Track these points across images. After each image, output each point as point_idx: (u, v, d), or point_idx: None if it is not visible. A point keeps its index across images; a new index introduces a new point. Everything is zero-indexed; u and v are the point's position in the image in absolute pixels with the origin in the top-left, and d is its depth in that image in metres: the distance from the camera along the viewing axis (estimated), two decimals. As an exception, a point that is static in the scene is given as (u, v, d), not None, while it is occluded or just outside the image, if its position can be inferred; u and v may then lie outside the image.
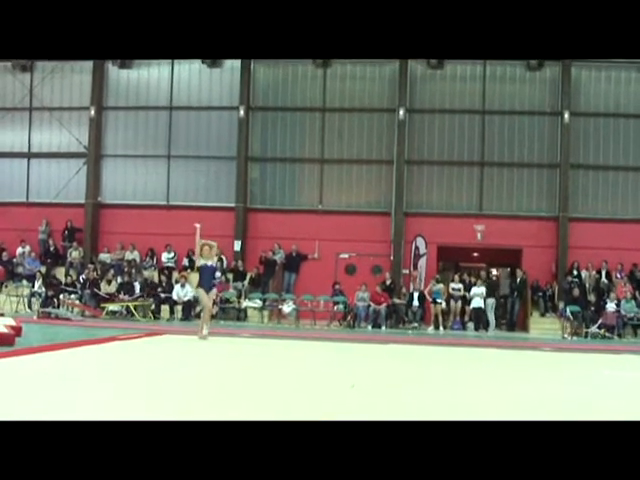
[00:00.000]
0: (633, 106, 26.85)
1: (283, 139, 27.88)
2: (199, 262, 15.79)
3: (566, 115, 26.61)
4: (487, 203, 26.93)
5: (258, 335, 18.87)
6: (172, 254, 26.62)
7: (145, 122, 28.56)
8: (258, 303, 24.85)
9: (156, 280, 25.65)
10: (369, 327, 23.98)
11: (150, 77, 28.47)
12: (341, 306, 24.68)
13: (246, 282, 25.72)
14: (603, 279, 25.18)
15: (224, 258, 26.56)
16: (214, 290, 16.73)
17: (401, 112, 26.93)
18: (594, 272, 25.42)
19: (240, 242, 27.01)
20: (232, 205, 27.40)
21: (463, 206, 26.93)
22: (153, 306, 24.38)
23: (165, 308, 24.68)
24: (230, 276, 25.87)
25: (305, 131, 27.86)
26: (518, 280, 25.17)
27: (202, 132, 28.14)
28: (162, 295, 24.74)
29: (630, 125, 26.88)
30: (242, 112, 27.53)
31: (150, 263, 26.94)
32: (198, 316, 24.50)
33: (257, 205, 27.66)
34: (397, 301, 24.75)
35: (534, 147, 26.99)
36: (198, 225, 15.98)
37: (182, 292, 24.38)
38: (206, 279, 15.78)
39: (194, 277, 25.30)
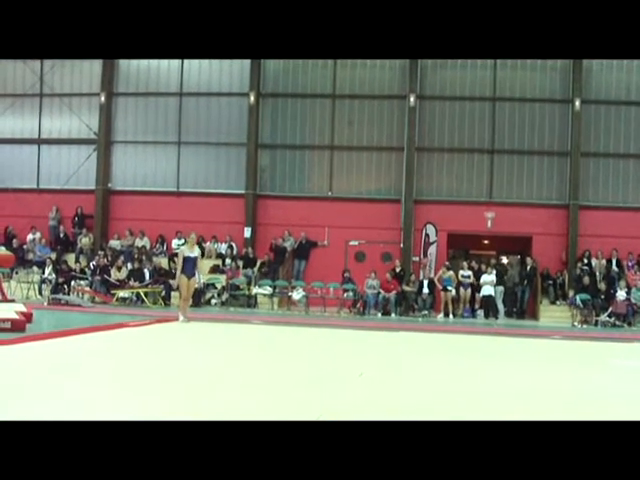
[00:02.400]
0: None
1: (293, 126, 27.82)
2: (186, 253, 17.17)
3: (577, 103, 26.48)
4: (497, 191, 26.84)
5: (268, 322, 18.97)
6: (182, 241, 26.63)
7: (155, 108, 28.54)
8: (268, 290, 24.87)
9: (166, 267, 25.64)
10: (379, 314, 23.98)
11: (160, 63, 28.40)
12: (351, 293, 24.65)
13: (256, 269, 25.72)
14: (614, 267, 25.07)
15: (234, 245, 26.59)
16: (195, 278, 18.06)
17: (412, 99, 26.84)
18: (604, 260, 25.32)
19: (250, 229, 27.00)
20: (242, 192, 27.37)
21: (473, 193, 26.85)
22: (163, 292, 24.38)
23: (175, 294, 24.67)
24: (240, 263, 25.85)
25: (315, 118, 27.78)
26: (528, 268, 25.13)
27: (212, 118, 28.09)
28: (172, 282, 24.71)
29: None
30: (252, 98, 27.48)
31: (160, 250, 26.97)
32: (208, 302, 24.63)
33: (267, 192, 27.60)
34: (407, 289, 24.74)
35: (544, 135, 26.87)
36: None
37: (192, 279, 24.40)
38: (189, 268, 17.17)
39: (205, 264, 25.49)
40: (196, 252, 17.53)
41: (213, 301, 24.73)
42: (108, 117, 28.49)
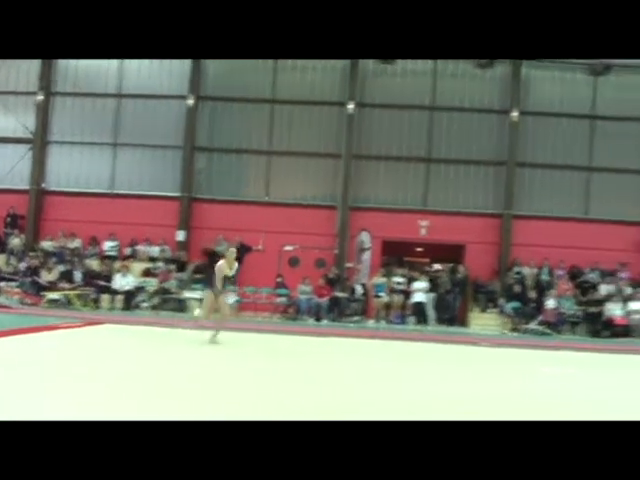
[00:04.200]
0: (579, 107, 27.06)
1: (231, 129, 27.72)
2: (226, 271, 14.31)
3: (514, 113, 26.77)
4: (432, 199, 27.01)
5: (197, 327, 18.80)
6: (115, 243, 26.36)
7: (92, 109, 28.22)
8: (199, 294, 24.65)
9: (98, 269, 25.36)
10: (311, 320, 23.95)
11: (100, 64, 28.04)
12: (283, 299, 24.60)
13: (188, 273, 25.53)
14: (544, 276, 25.35)
15: (167, 248, 26.39)
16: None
17: (351, 106, 26.91)
18: (536, 269, 25.61)
19: (184, 232, 26.82)
20: (177, 195, 27.19)
21: (408, 201, 26.98)
22: (94, 295, 24.10)
23: (107, 297, 24.43)
24: (173, 267, 25.63)
25: (254, 122, 27.70)
26: (460, 276, 25.31)
27: (149, 121, 27.83)
28: (103, 284, 24.48)
29: (575, 125, 27.10)
30: (191, 101, 27.34)
31: (92, 252, 26.64)
32: (137, 306, 24.36)
33: (203, 195, 27.45)
34: (339, 294, 24.74)
35: (481, 144, 27.10)
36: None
37: (123, 281, 24.19)
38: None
39: (136, 267, 25.26)
40: (234, 269, 14.75)
41: (144, 304, 24.46)
42: (45, 116, 28.12)
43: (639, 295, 24.71)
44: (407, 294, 24.60)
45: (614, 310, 23.90)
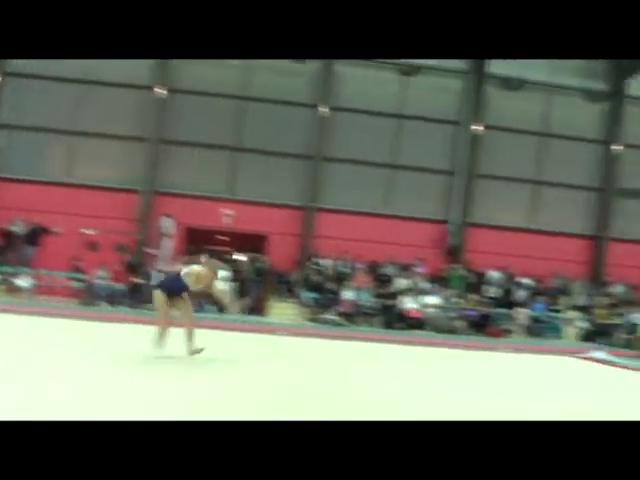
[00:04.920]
0: (388, 105, 27.86)
1: (35, 107, 26.61)
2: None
3: (324, 109, 27.19)
4: (239, 188, 27.04)
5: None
6: None
7: None
8: (-3, 276, 23.65)
9: None
10: (106, 305, 23.39)
11: None
12: (79, 283, 23.91)
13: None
14: (343, 268, 25.89)
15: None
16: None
17: (160, 90, 26.50)
18: (335, 261, 26.13)
19: (-22, 212, 25.55)
20: (-28, 173, 25.90)
21: (215, 189, 26.88)
22: None
23: None
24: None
25: (59, 101, 26.71)
26: (262, 266, 25.45)
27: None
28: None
29: (383, 123, 27.87)
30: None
31: None
32: None
33: (1, 174, 26.23)
34: (138, 280, 24.29)
35: (291, 137, 27.37)
36: None
37: None
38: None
39: None
40: None
41: None
42: None
43: (434, 289, 25.72)
44: (208, 282, 24.40)
45: (409, 303, 24.75)
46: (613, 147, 29.09)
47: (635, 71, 28.34)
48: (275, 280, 25.63)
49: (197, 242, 27.23)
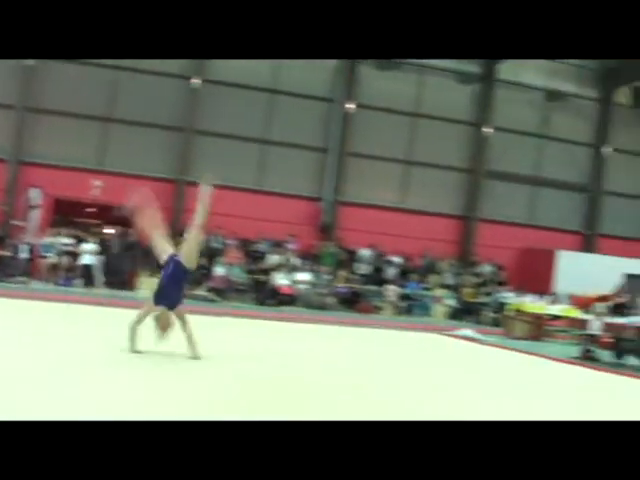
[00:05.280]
0: (260, 80, 27.78)
1: None
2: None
3: (197, 80, 26.85)
4: (109, 159, 26.44)
5: None
6: None
7: None
8: None
9: None
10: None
11: None
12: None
13: None
14: (215, 244, 25.69)
15: None
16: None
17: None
18: (208, 237, 25.83)
19: None
20: None
21: (84, 160, 26.15)
22: None
23: None
24: None
25: None
26: (131, 240, 24.93)
27: None
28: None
29: (256, 97, 27.83)
30: None
31: None
32: None
33: None
34: (4, 253, 23.46)
35: (163, 109, 26.89)
36: None
37: None
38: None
39: None
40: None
41: None
42: None
43: (305, 266, 25.84)
44: (75, 256, 23.83)
45: (281, 280, 24.79)
46: (483, 129, 29.84)
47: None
48: (145, 255, 25.15)
49: (65, 214, 26.56)
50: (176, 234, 25.32)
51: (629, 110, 32.08)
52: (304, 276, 25.39)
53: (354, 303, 25.86)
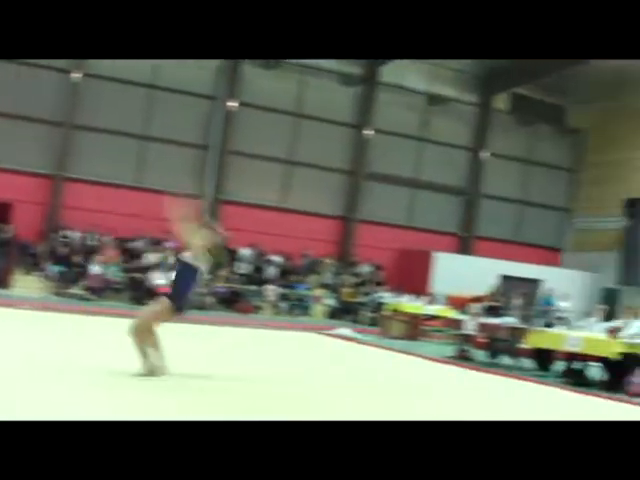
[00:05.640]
0: (141, 76, 27.26)
1: None
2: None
3: (77, 74, 26.22)
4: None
5: None
6: None
7: None
8: None
9: None
10: None
11: None
12: None
13: None
14: (91, 241, 25.24)
15: None
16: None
17: None
18: (84, 234, 25.42)
19: None
20: None
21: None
22: None
23: None
24: None
25: None
26: (6, 236, 24.23)
27: None
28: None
29: (135, 93, 27.40)
30: None
31: None
32: None
33: None
34: None
35: (41, 102, 26.05)
36: None
37: None
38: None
39: None
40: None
41: None
42: None
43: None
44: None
45: (158, 279, 24.45)
46: (364, 131, 30.19)
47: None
48: (19, 251, 24.49)
49: None
50: (51, 231, 24.99)
51: (506, 116, 33.04)
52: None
53: (233, 303, 25.79)
